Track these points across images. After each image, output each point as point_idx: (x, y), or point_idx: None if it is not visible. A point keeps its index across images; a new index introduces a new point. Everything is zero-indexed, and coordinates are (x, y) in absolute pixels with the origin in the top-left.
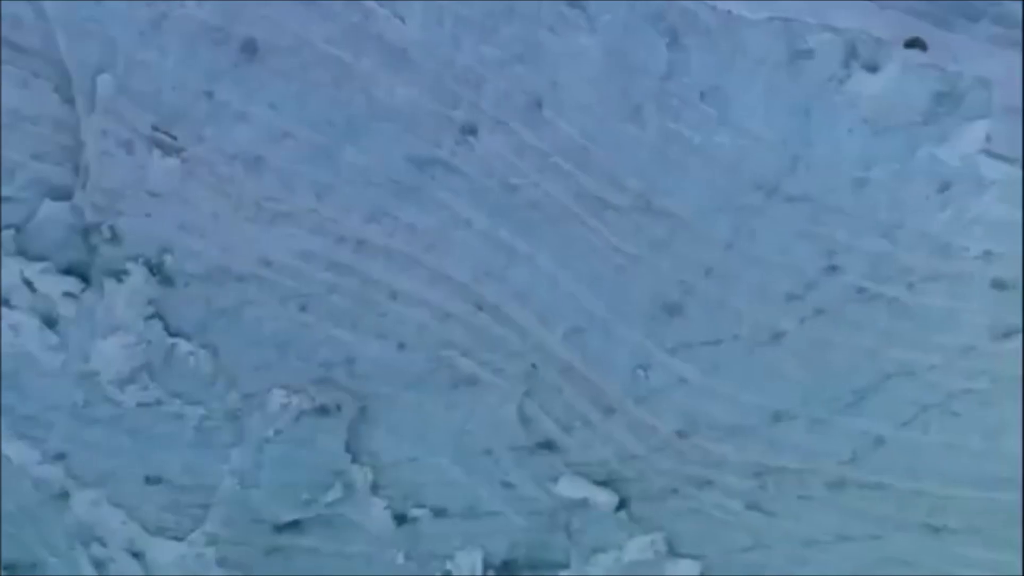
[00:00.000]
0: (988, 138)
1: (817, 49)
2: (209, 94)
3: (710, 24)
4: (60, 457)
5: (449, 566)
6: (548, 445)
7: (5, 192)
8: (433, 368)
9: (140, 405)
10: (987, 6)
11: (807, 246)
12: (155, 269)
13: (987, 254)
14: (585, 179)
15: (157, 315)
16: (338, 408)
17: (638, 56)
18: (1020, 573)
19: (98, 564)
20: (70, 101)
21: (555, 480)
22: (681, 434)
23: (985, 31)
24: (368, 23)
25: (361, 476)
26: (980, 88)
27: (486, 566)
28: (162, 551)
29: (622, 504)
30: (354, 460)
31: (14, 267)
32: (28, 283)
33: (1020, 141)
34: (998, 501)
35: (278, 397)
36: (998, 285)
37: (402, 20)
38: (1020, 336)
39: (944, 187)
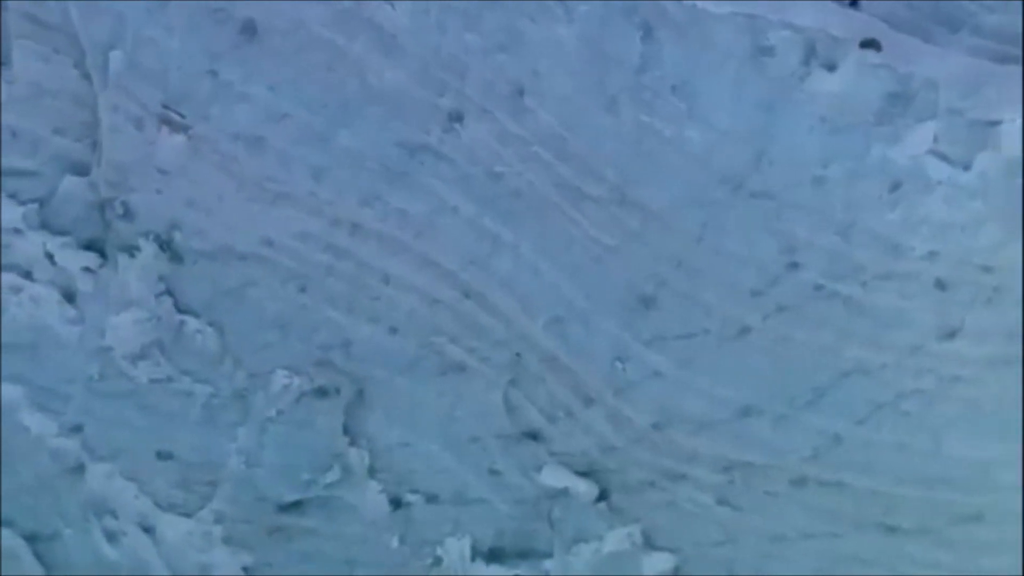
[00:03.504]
0: (936, 139)
1: (778, 46)
2: (213, 73)
3: (678, 18)
4: (76, 430)
5: (439, 552)
6: (532, 434)
7: (28, 166)
8: (423, 354)
9: (152, 381)
10: (967, 15)
11: (770, 242)
12: (165, 246)
13: (932, 254)
14: (564, 169)
15: (168, 292)
16: (336, 391)
17: (613, 48)
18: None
19: (110, 537)
20: (88, 77)
21: (539, 469)
22: (656, 427)
23: (965, 41)
24: (360, 7)
25: (358, 459)
26: (928, 89)
27: (474, 553)
28: (171, 527)
29: (602, 495)
30: (352, 443)
31: (37, 240)
32: (50, 256)
33: (964, 143)
34: (945, 502)
35: (280, 378)
36: (940, 285)
37: (391, 6)
38: (963, 337)
39: (895, 187)
